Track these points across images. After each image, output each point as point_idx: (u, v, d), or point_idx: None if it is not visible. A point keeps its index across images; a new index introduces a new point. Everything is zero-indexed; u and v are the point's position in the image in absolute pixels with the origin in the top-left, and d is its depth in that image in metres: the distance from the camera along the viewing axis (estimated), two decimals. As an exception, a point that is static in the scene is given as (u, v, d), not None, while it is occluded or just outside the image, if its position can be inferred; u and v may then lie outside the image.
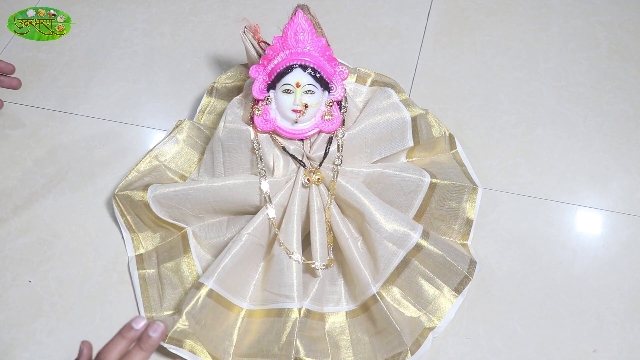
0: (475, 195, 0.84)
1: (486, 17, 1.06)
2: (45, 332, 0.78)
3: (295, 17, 0.76)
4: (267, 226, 0.77)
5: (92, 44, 1.06)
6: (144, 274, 0.81)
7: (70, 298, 0.81)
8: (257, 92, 0.77)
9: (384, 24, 1.06)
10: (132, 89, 1.00)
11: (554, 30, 1.04)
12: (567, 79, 0.98)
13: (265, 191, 0.77)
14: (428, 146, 0.87)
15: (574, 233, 0.84)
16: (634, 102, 0.95)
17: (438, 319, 0.76)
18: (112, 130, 0.96)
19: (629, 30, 1.03)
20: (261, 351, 0.73)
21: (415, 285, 0.77)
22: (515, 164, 0.90)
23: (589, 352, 0.75)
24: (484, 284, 0.80)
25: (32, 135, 0.95)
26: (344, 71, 0.77)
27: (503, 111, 0.95)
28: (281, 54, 0.76)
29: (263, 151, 0.77)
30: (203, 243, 0.82)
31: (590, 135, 0.92)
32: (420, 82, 0.99)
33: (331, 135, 0.77)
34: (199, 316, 0.73)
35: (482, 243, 0.83)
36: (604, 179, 0.88)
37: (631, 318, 0.77)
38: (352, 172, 0.78)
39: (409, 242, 0.76)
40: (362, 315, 0.76)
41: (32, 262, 0.83)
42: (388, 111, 0.81)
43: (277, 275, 0.74)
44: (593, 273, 0.80)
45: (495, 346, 0.76)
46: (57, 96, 1.00)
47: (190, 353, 0.73)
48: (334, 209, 0.77)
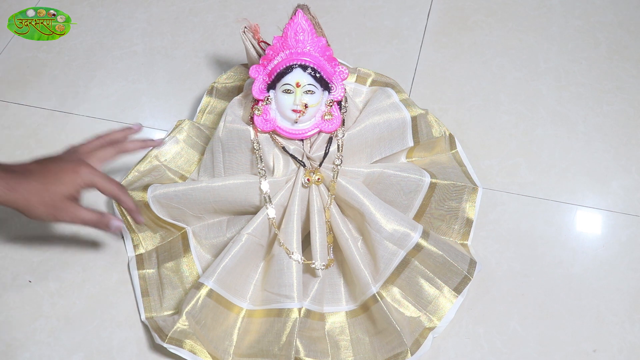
0: (475, 195, 0.84)
1: (486, 17, 1.06)
2: (45, 332, 0.78)
3: (295, 17, 0.76)
4: (267, 226, 0.77)
5: (92, 44, 1.06)
6: (144, 274, 0.81)
7: (70, 298, 0.81)
8: (257, 92, 0.77)
9: (384, 24, 1.06)
10: (132, 89, 1.00)
11: (554, 30, 1.04)
12: (567, 79, 0.98)
13: (265, 191, 0.77)
14: (428, 146, 0.87)
15: (574, 233, 0.84)
16: (634, 102, 0.95)
17: (438, 319, 0.76)
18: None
19: (629, 30, 1.03)
20: (261, 351, 0.73)
21: (415, 285, 0.77)
22: (515, 164, 0.90)
23: (589, 352, 0.75)
24: (484, 284, 0.80)
25: (32, 135, 0.95)
26: (344, 71, 0.77)
27: (503, 111, 0.95)
28: (281, 54, 0.76)
29: (263, 151, 0.77)
30: (203, 243, 0.82)
31: (590, 135, 0.92)
32: (420, 82, 0.99)
33: (331, 135, 0.77)
34: (199, 316, 0.73)
35: (482, 243, 0.83)
36: (604, 179, 0.88)
37: (631, 318, 0.77)
38: (352, 172, 0.78)
39: (409, 242, 0.76)
40: (362, 315, 0.76)
41: (32, 262, 0.83)
42: (388, 111, 0.81)
43: (277, 275, 0.74)
44: (593, 273, 0.80)
45: (495, 346, 0.76)
46: (57, 96, 1.00)
47: (190, 353, 0.73)
48: (334, 209, 0.77)
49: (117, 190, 0.72)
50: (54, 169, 0.69)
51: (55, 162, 0.71)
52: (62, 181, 0.68)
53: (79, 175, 0.69)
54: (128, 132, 0.79)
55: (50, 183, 0.68)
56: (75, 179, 0.69)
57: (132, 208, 0.74)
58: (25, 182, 0.67)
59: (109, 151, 0.74)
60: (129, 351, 0.77)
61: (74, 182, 0.69)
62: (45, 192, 0.67)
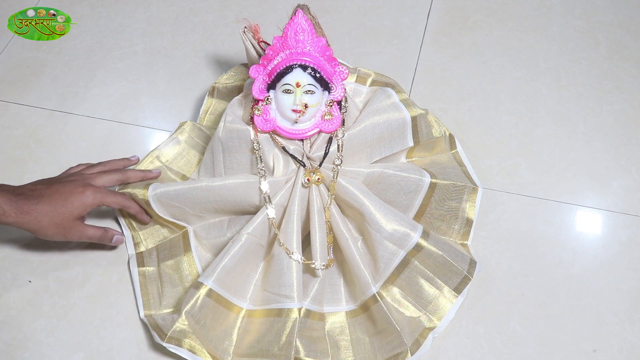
0: (475, 195, 0.84)
1: (486, 17, 1.06)
2: (45, 332, 0.78)
3: (295, 17, 0.76)
4: (267, 226, 0.77)
5: (92, 44, 1.06)
6: (143, 271, 0.81)
7: (70, 298, 0.81)
8: (257, 92, 0.77)
9: (384, 24, 1.06)
10: (132, 89, 1.00)
11: (554, 30, 1.04)
12: (567, 79, 0.98)
13: (265, 191, 0.77)
14: (428, 146, 0.87)
15: (574, 233, 0.84)
16: (634, 102, 0.95)
17: (438, 319, 0.76)
18: (112, 130, 0.96)
19: (629, 30, 1.03)
20: (261, 351, 0.73)
21: (415, 285, 0.77)
22: (515, 164, 0.90)
23: (589, 352, 0.75)
24: (484, 284, 0.80)
25: (32, 135, 0.95)
26: (344, 71, 0.77)
27: (503, 111, 0.95)
28: (281, 54, 0.76)
29: (263, 151, 0.77)
30: (204, 243, 0.82)
31: (590, 135, 0.92)
32: (420, 82, 0.99)
33: (331, 135, 0.77)
34: (198, 316, 0.73)
35: (482, 243, 0.83)
36: (604, 179, 0.88)
37: (631, 318, 0.77)
38: (352, 172, 0.78)
39: (409, 242, 0.76)
40: (362, 315, 0.76)
41: (32, 262, 0.83)
42: (388, 111, 0.81)
43: (277, 275, 0.74)
44: (593, 273, 0.80)
45: (495, 346, 0.76)
46: (57, 96, 1.00)
47: (189, 352, 0.73)
48: (334, 209, 0.77)
49: (123, 201, 0.80)
50: (62, 192, 0.76)
51: (63, 184, 0.77)
52: (71, 203, 0.75)
53: (86, 196, 0.76)
54: (127, 162, 0.86)
55: (59, 205, 0.75)
56: (84, 201, 0.76)
57: (138, 211, 0.82)
58: (36, 205, 0.74)
59: (112, 177, 0.81)
60: (129, 351, 0.77)
61: (82, 204, 0.76)
62: (55, 214, 0.74)
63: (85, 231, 0.78)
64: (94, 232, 0.79)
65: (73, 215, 0.75)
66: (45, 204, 0.74)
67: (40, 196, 0.74)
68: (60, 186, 0.76)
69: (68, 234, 0.76)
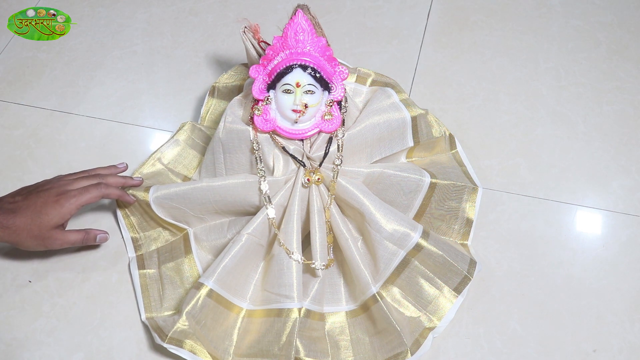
0: (475, 195, 0.84)
1: (486, 17, 1.06)
2: (45, 332, 0.78)
3: (295, 17, 0.76)
4: (267, 226, 0.77)
5: (92, 44, 1.06)
6: (144, 274, 0.81)
7: (71, 298, 0.81)
8: (257, 92, 0.77)
9: (384, 24, 1.06)
10: (132, 89, 1.00)
11: (554, 30, 1.04)
12: (567, 79, 0.98)
13: (265, 191, 0.77)
14: (428, 146, 0.87)
15: (574, 233, 0.84)
16: (634, 102, 0.95)
17: (438, 319, 0.76)
18: (112, 130, 0.96)
19: (629, 30, 1.03)
20: (261, 351, 0.73)
21: (415, 285, 0.77)
22: (515, 164, 0.90)
23: (589, 352, 0.75)
24: (484, 284, 0.80)
25: (32, 135, 0.95)
26: (344, 71, 0.77)
27: (503, 111, 0.95)
28: (281, 54, 0.76)
29: (263, 151, 0.77)
30: (204, 245, 0.82)
31: (590, 135, 0.92)
32: (420, 82, 0.99)
33: (331, 135, 0.77)
34: (199, 316, 0.73)
35: (482, 243, 0.83)
36: (604, 179, 0.88)
37: (631, 318, 0.77)
38: (352, 172, 0.78)
39: (409, 242, 0.76)
40: (362, 315, 0.76)
41: (32, 262, 0.83)
42: (388, 111, 0.81)
43: (277, 275, 0.74)
44: (593, 273, 0.80)
45: (495, 346, 0.76)
46: (57, 96, 1.00)
47: (190, 353, 0.73)
48: (334, 209, 0.77)
49: (99, 191, 0.78)
50: (37, 203, 0.75)
51: (38, 194, 0.77)
52: (46, 214, 0.75)
53: (60, 205, 0.76)
54: (113, 169, 0.85)
55: (35, 217, 0.75)
56: (59, 210, 0.76)
57: (120, 194, 0.81)
58: (14, 218, 0.74)
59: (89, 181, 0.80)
60: (129, 351, 0.77)
61: (57, 213, 0.75)
62: (32, 227, 0.75)
63: (65, 238, 0.77)
64: (76, 237, 0.78)
65: (50, 225, 0.75)
66: (22, 217, 0.74)
67: (18, 209, 0.75)
68: (35, 197, 0.76)
69: (48, 244, 0.76)
